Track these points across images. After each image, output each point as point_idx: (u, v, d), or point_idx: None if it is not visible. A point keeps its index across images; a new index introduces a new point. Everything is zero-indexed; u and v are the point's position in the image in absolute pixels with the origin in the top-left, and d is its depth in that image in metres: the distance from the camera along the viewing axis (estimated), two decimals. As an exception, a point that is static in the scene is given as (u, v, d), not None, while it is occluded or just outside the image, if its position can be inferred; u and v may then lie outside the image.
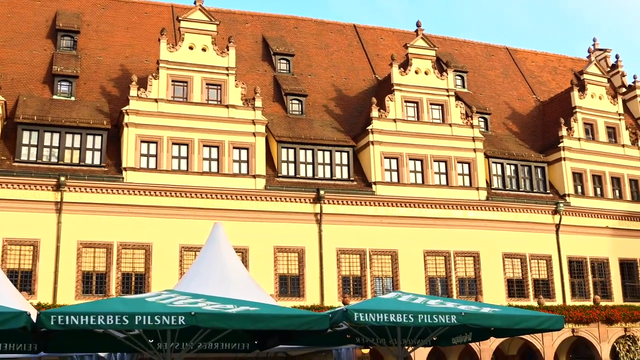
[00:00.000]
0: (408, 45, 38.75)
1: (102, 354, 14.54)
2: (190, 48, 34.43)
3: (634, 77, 49.53)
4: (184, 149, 33.13)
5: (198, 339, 11.65)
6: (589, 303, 37.53)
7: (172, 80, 33.76)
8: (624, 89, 49.15)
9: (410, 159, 36.63)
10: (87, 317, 10.03)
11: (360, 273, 34.60)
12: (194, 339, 11.69)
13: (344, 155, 36.21)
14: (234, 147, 33.81)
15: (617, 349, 32.35)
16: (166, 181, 32.20)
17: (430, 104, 37.87)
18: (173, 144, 32.95)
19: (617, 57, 51.48)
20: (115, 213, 31.36)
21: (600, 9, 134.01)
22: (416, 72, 38.00)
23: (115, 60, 37.57)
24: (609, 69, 49.90)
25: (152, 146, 32.74)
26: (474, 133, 38.12)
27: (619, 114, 42.75)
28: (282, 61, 40.80)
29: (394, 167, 36.36)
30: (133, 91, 32.75)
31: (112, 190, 31.50)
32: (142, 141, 32.54)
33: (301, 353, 16.51)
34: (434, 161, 37.08)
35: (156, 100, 33.03)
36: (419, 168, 36.80)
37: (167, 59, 33.79)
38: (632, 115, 48.09)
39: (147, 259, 31.43)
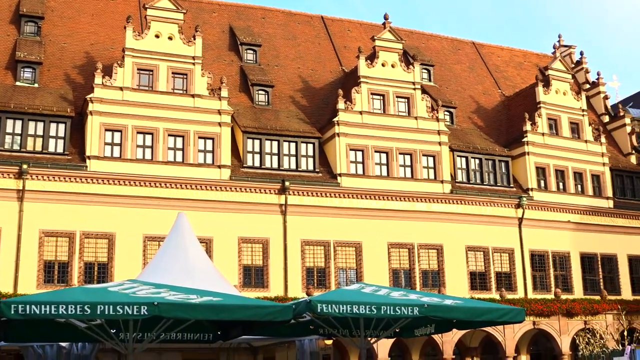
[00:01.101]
0: (375, 37, 38.80)
1: (63, 344, 14.43)
2: (157, 36, 34.15)
3: (598, 73, 50.18)
4: (148, 138, 32.89)
5: (161, 329, 11.60)
6: (550, 296, 37.97)
7: (138, 69, 33.48)
8: (587, 86, 49.77)
9: (375, 152, 36.73)
10: (48, 306, 9.94)
11: (325, 264, 34.66)
12: (157, 329, 11.63)
13: (310, 146, 36.20)
14: (199, 137, 33.64)
15: (577, 341, 32.75)
16: (130, 170, 31.96)
17: (397, 96, 37.98)
18: (138, 132, 32.70)
19: (581, 53, 52.07)
20: (78, 202, 31.05)
21: (565, 5, 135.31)
22: (383, 65, 38.08)
23: (80, 47, 37.15)
24: (573, 66, 50.44)
25: (117, 135, 32.46)
26: (439, 126, 38.32)
27: (583, 110, 43.22)
28: (249, 51, 40.64)
29: (359, 159, 36.45)
30: (98, 79, 32.42)
31: (75, 178, 31.18)
32: (106, 129, 32.24)
33: (264, 344, 16.52)
34: (399, 154, 37.22)
35: (121, 89, 32.74)
36: (384, 160, 36.92)
37: (133, 47, 33.48)
38: (595, 111, 48.70)
39: (110, 248, 31.19)
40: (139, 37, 33.80)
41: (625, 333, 33.39)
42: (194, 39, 34.72)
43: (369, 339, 13.56)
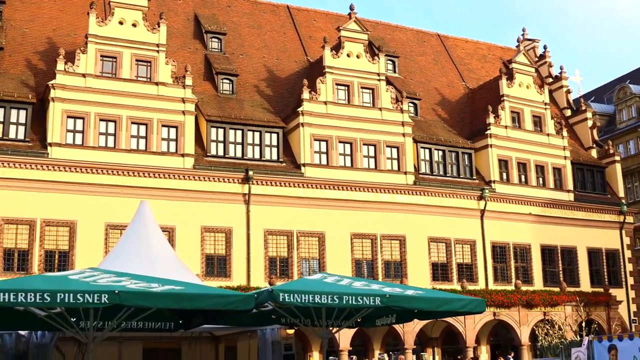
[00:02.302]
0: (341, 28, 38.78)
1: (22, 333, 14.27)
2: (120, 23, 33.78)
3: (561, 67, 50.70)
4: (111, 125, 32.59)
5: (121, 317, 11.52)
6: (511, 287, 38.38)
7: (101, 56, 33.12)
8: (550, 80, 50.24)
9: (339, 142, 36.78)
10: (7, 294, 9.83)
11: (287, 254, 34.69)
12: (117, 318, 11.55)
13: (274, 136, 36.14)
14: (163, 125, 33.42)
15: (536, 332, 33.11)
16: (92, 158, 31.65)
17: (361, 87, 38.04)
18: (100, 120, 32.38)
19: (545, 47, 52.53)
20: (39, 189, 30.70)
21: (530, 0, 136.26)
22: (348, 56, 38.11)
23: (42, 32, 36.63)
24: (536, 59, 50.88)
25: (79, 122, 32.11)
26: (403, 118, 38.46)
27: (545, 104, 43.65)
28: (213, 40, 40.40)
29: (324, 149, 36.47)
30: (60, 65, 32.02)
31: (36, 165, 30.82)
32: (68, 116, 31.88)
33: (226, 333, 16.50)
34: (363, 144, 37.31)
35: (84, 75, 32.38)
36: (348, 151, 36.99)
37: (96, 34, 33.10)
38: (558, 105, 49.22)
39: (71, 236, 30.90)
40: (102, 23, 33.42)
41: (583, 324, 33.85)
42: (159, 27, 34.42)
43: (331, 328, 13.60)
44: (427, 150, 39.70)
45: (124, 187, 31.72)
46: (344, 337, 33.00)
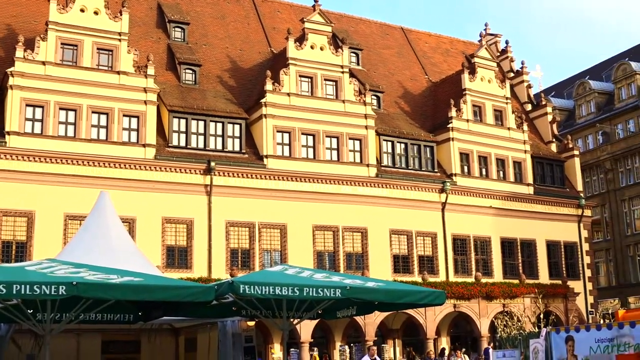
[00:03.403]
0: (305, 20, 38.70)
1: (-23, 324, 14.05)
2: (82, 11, 33.32)
3: (522, 63, 51.15)
4: (71, 114, 32.19)
5: (79, 309, 11.38)
6: (471, 280, 38.72)
7: (62, 43, 32.67)
8: (512, 74, 50.69)
9: (302, 134, 36.74)
10: (-38, 285, 9.66)
11: (249, 246, 34.61)
12: (75, 310, 11.41)
13: (237, 127, 36.00)
14: (124, 115, 33.10)
15: (496, 324, 33.39)
16: (52, 147, 31.23)
17: (325, 79, 38.02)
18: (60, 109, 31.96)
19: (506, 42, 53.02)
20: (-4, 178, 30.26)
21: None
22: (312, 47, 38.04)
23: (1, 19, 36.02)
24: (498, 54, 51.30)
25: (38, 110, 31.66)
26: (366, 110, 38.53)
27: (506, 98, 44.01)
28: (176, 29, 40.06)
29: (286, 141, 36.41)
30: (19, 52, 31.52)
31: (-6, 154, 30.34)
32: (27, 105, 31.40)
33: (186, 325, 16.41)
34: (326, 137, 37.31)
35: (44, 63, 31.92)
36: (310, 143, 36.98)
37: (57, 21, 32.62)
38: (519, 99, 49.66)
39: (29, 227, 30.49)
40: (63, 10, 32.95)
41: (542, 316, 34.17)
42: (121, 15, 34.03)
43: (292, 320, 13.59)
44: (389, 143, 39.82)
45: (84, 177, 31.36)
46: (305, 329, 33.04)
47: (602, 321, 33.52)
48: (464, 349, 36.56)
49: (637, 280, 54.00)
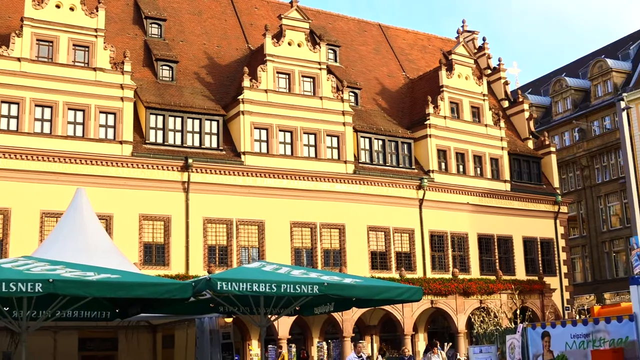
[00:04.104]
0: (282, 16, 38.67)
1: (-48, 322, 13.93)
2: (57, 7, 33.09)
3: (499, 60, 51.38)
4: (47, 111, 31.98)
5: (56, 307, 11.32)
6: (448, 276, 38.94)
7: (37, 40, 32.44)
8: (489, 71, 50.92)
9: (280, 130, 36.73)
10: (-64, 283, 9.58)
11: (227, 243, 34.56)
12: (52, 307, 11.34)
13: (214, 124, 35.93)
14: (101, 112, 32.92)
15: (472, 320, 33.68)
16: (28, 144, 31.00)
17: (302, 76, 38.02)
18: (36, 105, 31.74)
19: (484, 39, 53.20)
20: (-29, 175, 30.00)
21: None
22: (289, 44, 38.02)
23: (-25, 15, 35.72)
24: (475, 51, 51.49)
25: (14, 107, 31.41)
26: (343, 107, 38.57)
27: (484, 95, 44.23)
28: (153, 25, 39.88)
29: (264, 137, 36.38)
30: (-6, 49, 31.30)
31: (-32, 151, 30.08)
32: (2, 102, 31.16)
33: (163, 322, 16.35)
34: (304, 133, 37.32)
35: (19, 60, 31.68)
36: (288, 139, 36.97)
37: (32, 17, 32.38)
38: (496, 96, 49.89)
39: (5, 224, 30.27)
40: (38, 6, 32.70)
41: (518, 312, 34.50)
42: (97, 11, 33.84)
43: (269, 316, 13.59)
44: (367, 140, 39.90)
45: (60, 174, 31.17)
46: (283, 325, 33.09)
47: (577, 317, 33.82)
48: (450, 344, 36.71)
49: (612, 277, 54.46)
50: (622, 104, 28.89)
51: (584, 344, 17.87)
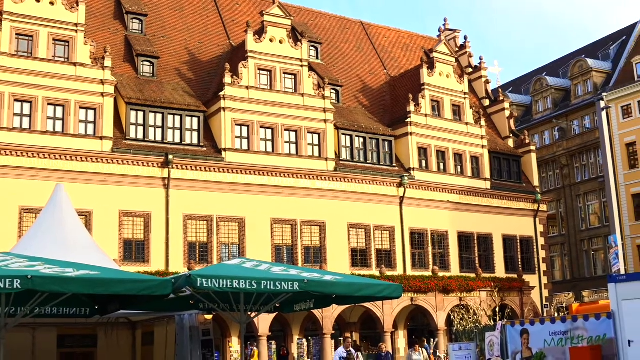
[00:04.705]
0: (264, 12, 38.60)
1: None
2: (37, 1, 32.78)
3: (480, 58, 51.55)
4: (26, 106, 31.74)
5: (35, 303, 11.24)
6: (428, 273, 39.05)
7: (16, 34, 32.19)
8: (470, 70, 51.07)
9: (261, 127, 36.67)
10: None
11: (207, 239, 34.48)
12: (31, 304, 11.27)
13: (195, 120, 35.82)
14: (81, 107, 32.73)
15: (452, 317, 33.78)
16: (7, 139, 30.75)
17: (284, 73, 37.98)
18: (15, 100, 31.50)
19: (465, 38, 53.35)
20: (-51, 170, 29.73)
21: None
22: (271, 41, 37.95)
23: (-46, 8, 35.36)
24: (457, 49, 51.65)
25: (-8, 102, 31.17)
26: (325, 104, 38.57)
27: (465, 93, 44.37)
28: (134, 21, 39.68)
29: (245, 134, 36.32)
30: (-27, 43, 31.03)
31: (-54, 146, 29.81)
32: (-19, 96, 30.91)
33: (143, 319, 16.29)
34: (285, 130, 37.29)
35: (-2, 54, 31.44)
36: (269, 136, 36.93)
37: (11, 11, 32.10)
38: (477, 95, 50.07)
39: (-17, 219, 30.03)
40: (18, 0, 32.43)
41: (497, 309, 34.61)
42: (77, 5, 33.60)
43: (249, 313, 13.58)
44: (348, 137, 39.93)
45: (40, 170, 30.94)
46: (263, 322, 33.09)
47: (556, 315, 34.01)
48: (435, 340, 36.79)
49: (591, 275, 54.88)
50: (602, 104, 29.04)
51: (563, 341, 18.00)
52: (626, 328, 16.25)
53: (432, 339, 37.13)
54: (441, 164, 42.43)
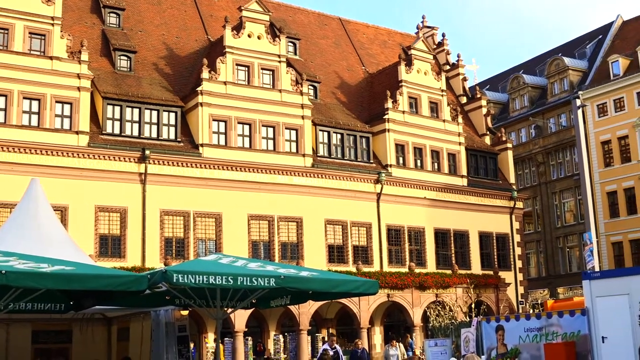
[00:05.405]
0: (242, 8, 38.48)
1: None
2: (13, -6, 32.54)
3: (458, 56, 51.73)
4: (1, 100, 31.45)
5: (9, 298, 11.17)
6: (405, 270, 39.16)
7: (-8, 27, 31.89)
8: (448, 67, 51.23)
9: (238, 123, 36.58)
10: None
11: (184, 235, 34.37)
12: (5, 299, 11.19)
13: (172, 115, 35.67)
14: (57, 101, 32.48)
15: (428, 313, 33.92)
16: (-19, 133, 30.49)
17: (262, 68, 37.90)
18: (-10, 94, 31.21)
19: (443, 35, 53.52)
20: None
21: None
22: (249, 36, 37.86)
23: None
24: (435, 47, 51.75)
25: (-33, 95, 30.86)
26: (303, 100, 38.54)
27: (442, 91, 44.51)
28: (111, 15, 39.42)
29: (222, 130, 36.21)
30: (-53, 35, 30.69)
31: None
32: (-45, 89, 30.60)
33: (119, 314, 16.23)
34: (262, 126, 37.22)
35: (-27, 47, 31.14)
36: (247, 132, 36.85)
37: (-13, 4, 31.83)
38: (454, 92, 50.24)
39: (-43, 214, 29.73)
40: (-7, -7, 32.14)
41: (473, 306, 34.82)
42: (54, -1, 33.34)
43: (226, 309, 13.56)
44: (325, 133, 39.95)
45: (15, 165, 30.67)
46: (240, 318, 33.03)
47: (531, 311, 34.25)
48: (415, 334, 36.89)
49: (566, 271, 55.32)
50: (578, 102, 29.20)
51: (537, 337, 18.13)
52: (600, 324, 16.40)
53: (412, 335, 37.22)
54: (418, 161, 42.55)
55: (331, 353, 23.45)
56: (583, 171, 28.54)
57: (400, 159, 41.75)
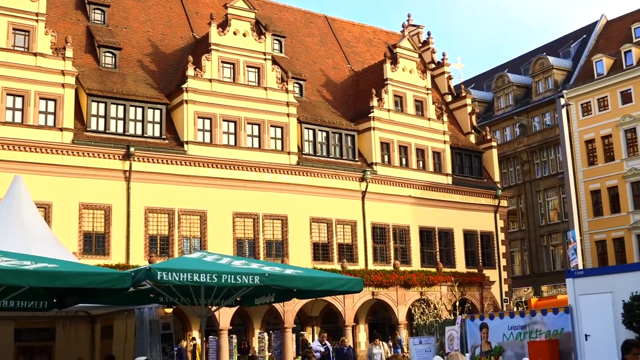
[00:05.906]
0: (228, 5, 38.38)
1: None
2: (-3, -10, 32.34)
3: (443, 54, 51.89)
4: (-15, 96, 31.25)
5: (-9, 296, 11.11)
6: (389, 268, 39.21)
7: (-25, 23, 31.68)
8: (433, 65, 51.31)
9: (223, 120, 36.51)
10: None
11: (168, 232, 34.28)
12: (-13, 297, 11.13)
13: (157, 112, 35.55)
14: (41, 98, 32.30)
15: (413, 311, 34.00)
16: (-36, 129, 30.29)
17: (247, 66, 37.84)
18: (-27, 90, 31.01)
19: (428, 34, 53.60)
20: None
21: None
22: (234, 34, 37.78)
23: None
24: (420, 45, 51.83)
25: (-50, 91, 30.64)
26: (288, 98, 38.51)
27: (427, 89, 44.58)
28: (96, 11, 39.23)
29: (207, 127, 36.13)
30: None
31: None
32: (-62, 85, 30.37)
33: (102, 312, 16.16)
34: (248, 123, 37.17)
35: (-44, 43, 30.91)
36: (232, 130, 36.78)
37: (-30, 0, 31.61)
38: (439, 90, 50.33)
39: (-61, 211, 29.47)
40: (-23, -11, 31.92)
41: (457, 304, 34.90)
42: (38, -5, 33.13)
43: (210, 307, 13.53)
44: (311, 131, 39.93)
45: (-2, 161, 30.48)
46: (224, 316, 32.97)
47: (515, 309, 34.39)
48: (401, 334, 36.95)
49: (550, 270, 55.55)
50: (562, 101, 29.41)
51: (521, 335, 18.21)
52: (583, 322, 16.51)
53: (397, 332, 37.27)
54: (403, 159, 42.61)
55: (322, 349, 23.60)
56: (567, 170, 28.70)
57: (386, 157, 41.79)
